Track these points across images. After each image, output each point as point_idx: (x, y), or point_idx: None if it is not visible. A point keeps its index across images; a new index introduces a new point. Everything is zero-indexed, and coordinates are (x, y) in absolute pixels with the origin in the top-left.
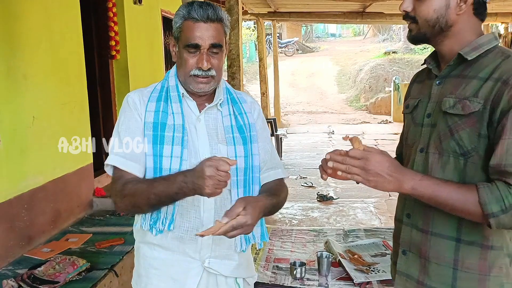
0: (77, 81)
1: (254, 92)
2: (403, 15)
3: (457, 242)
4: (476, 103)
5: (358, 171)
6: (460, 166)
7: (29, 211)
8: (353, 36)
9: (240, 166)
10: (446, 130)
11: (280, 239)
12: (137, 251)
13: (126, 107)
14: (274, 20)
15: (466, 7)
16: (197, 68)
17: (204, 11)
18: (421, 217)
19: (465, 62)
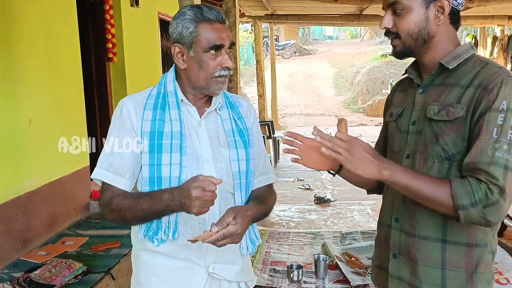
0: (74, 83)
1: (251, 94)
2: (385, 32)
3: (443, 243)
4: (460, 109)
5: (343, 151)
6: (444, 169)
7: (25, 214)
8: (350, 39)
9: (242, 170)
10: (432, 136)
11: (277, 242)
12: (136, 258)
13: (119, 117)
14: (271, 23)
15: (444, 18)
16: (222, 69)
17: (216, 12)
18: (408, 221)
19: (446, 71)
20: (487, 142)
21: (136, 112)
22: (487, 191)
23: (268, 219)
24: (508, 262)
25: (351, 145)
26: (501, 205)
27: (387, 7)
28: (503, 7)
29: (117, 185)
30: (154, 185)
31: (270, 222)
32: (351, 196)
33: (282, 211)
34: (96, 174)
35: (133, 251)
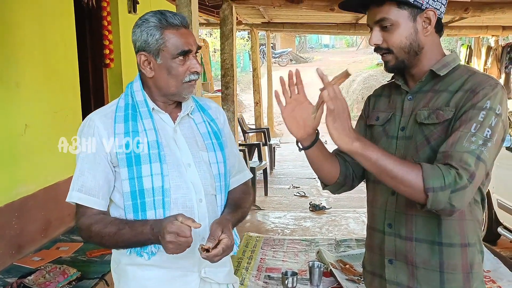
0: (71, 89)
1: (247, 101)
2: (375, 48)
3: (439, 246)
4: (449, 111)
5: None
6: None
7: (20, 219)
8: (346, 47)
9: (222, 172)
10: (423, 139)
11: (272, 249)
12: (124, 274)
13: (88, 134)
14: (268, 31)
15: (431, 28)
16: (191, 73)
17: (180, 17)
18: (403, 226)
19: (435, 78)
20: (465, 135)
21: (107, 128)
22: (456, 176)
23: (263, 226)
24: (501, 271)
25: (345, 106)
26: (467, 191)
27: (374, 24)
28: (497, 18)
29: (91, 205)
30: (136, 199)
31: (265, 229)
32: (346, 203)
33: (277, 218)
34: (69, 197)
35: (116, 267)
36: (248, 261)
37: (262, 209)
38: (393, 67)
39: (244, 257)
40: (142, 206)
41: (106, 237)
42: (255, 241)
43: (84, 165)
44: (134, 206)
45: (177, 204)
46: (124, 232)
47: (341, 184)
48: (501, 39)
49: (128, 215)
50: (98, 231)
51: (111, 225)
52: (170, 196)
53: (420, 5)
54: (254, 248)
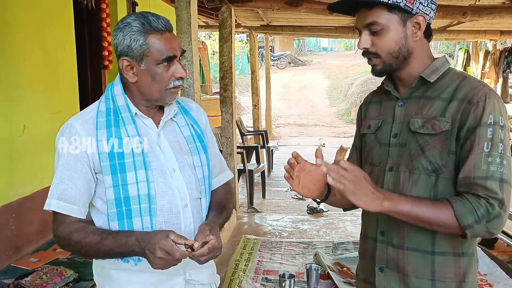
0: (69, 90)
1: (246, 104)
2: (363, 52)
3: (432, 255)
4: (445, 122)
5: (347, 182)
6: (431, 182)
7: (17, 221)
8: (345, 50)
9: (206, 175)
10: (417, 148)
11: (269, 251)
12: (107, 278)
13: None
14: (267, 33)
15: (421, 33)
16: (176, 79)
17: (163, 21)
18: (395, 234)
19: (425, 84)
20: (480, 156)
21: (88, 134)
22: (487, 206)
23: (261, 228)
24: (497, 274)
25: (355, 175)
26: (502, 217)
27: (363, 27)
28: (495, 22)
29: (71, 214)
30: (121, 206)
31: (262, 232)
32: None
33: (274, 220)
34: (48, 205)
35: (101, 272)
36: (245, 263)
37: (260, 211)
38: (380, 70)
39: (242, 259)
40: (128, 213)
41: (86, 247)
42: (253, 244)
43: (65, 172)
44: (119, 213)
45: (163, 210)
46: (107, 242)
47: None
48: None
49: (112, 223)
50: (78, 240)
51: (93, 234)
52: (156, 203)
53: (410, 10)
54: (252, 250)
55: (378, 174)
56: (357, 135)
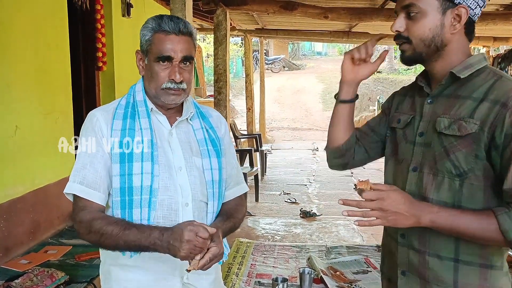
0: (63, 91)
1: (240, 107)
2: (395, 35)
3: (456, 263)
4: (472, 124)
5: (376, 214)
6: (455, 187)
7: (8, 222)
8: (339, 55)
9: (215, 179)
10: (441, 150)
11: (262, 255)
12: (108, 274)
13: (89, 130)
14: (262, 37)
15: (460, 26)
16: (169, 81)
17: (175, 24)
18: (416, 238)
19: (457, 82)
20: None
21: (106, 123)
22: None
23: (253, 232)
24: None
25: (383, 203)
26: None
27: (401, 9)
28: (488, 29)
29: (92, 199)
30: (125, 195)
31: (255, 235)
32: (336, 210)
33: (267, 224)
34: (69, 188)
35: (102, 267)
36: (238, 266)
37: (253, 215)
38: (408, 57)
39: (235, 263)
40: (130, 204)
41: (106, 235)
42: (246, 247)
43: (86, 159)
44: (122, 202)
45: (163, 205)
46: (129, 233)
47: (340, 153)
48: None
49: (116, 211)
50: (99, 228)
51: (116, 224)
52: (157, 197)
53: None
54: (245, 254)
55: (401, 173)
56: (378, 119)
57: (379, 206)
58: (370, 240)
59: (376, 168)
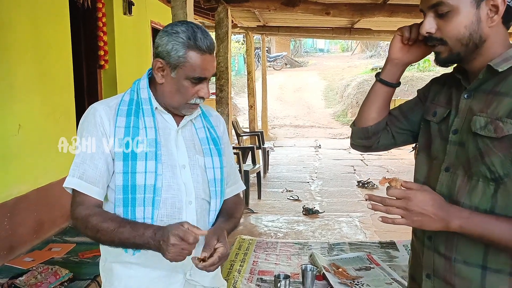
0: (65, 90)
1: (242, 104)
2: (427, 37)
3: (483, 270)
4: (510, 125)
5: (400, 212)
6: (490, 191)
7: (12, 220)
8: (341, 52)
9: (218, 177)
10: (476, 153)
11: (264, 252)
12: (109, 272)
13: (90, 124)
14: (263, 34)
15: (498, 18)
16: (198, 98)
17: (209, 42)
18: (443, 242)
19: (496, 76)
20: None
21: (109, 119)
22: None
23: (256, 229)
24: None
25: (408, 203)
26: None
27: (428, 9)
28: None
29: (90, 194)
30: (128, 193)
31: (258, 232)
32: (339, 208)
33: (270, 221)
34: (68, 182)
35: (103, 265)
36: (240, 263)
37: (255, 212)
38: (445, 60)
39: (237, 260)
40: (132, 202)
41: (102, 231)
42: (248, 244)
43: (87, 153)
44: (124, 200)
45: (166, 204)
46: (124, 230)
47: (367, 135)
48: None
49: (118, 209)
50: (96, 224)
51: (111, 221)
52: (160, 195)
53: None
54: (247, 251)
55: (434, 171)
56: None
57: (404, 205)
58: (373, 237)
59: (378, 165)
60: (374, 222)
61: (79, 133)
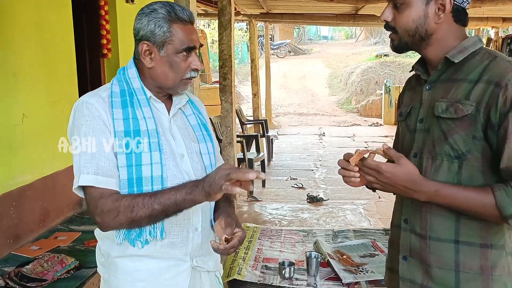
0: (68, 79)
1: (245, 93)
2: (384, 24)
3: (456, 244)
4: (468, 105)
5: (374, 180)
6: (454, 169)
7: (17, 209)
8: (345, 39)
9: (212, 163)
10: (440, 134)
11: (269, 239)
12: (113, 267)
13: (89, 117)
14: (267, 22)
15: (444, 16)
16: (192, 70)
17: (188, 13)
18: (418, 222)
19: (453, 66)
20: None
21: (105, 111)
22: None
23: (260, 217)
24: None
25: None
26: None
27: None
28: (498, 9)
29: (109, 187)
30: (133, 186)
31: (262, 220)
32: (343, 195)
33: (274, 209)
34: (83, 181)
35: (103, 261)
36: (245, 251)
37: (260, 200)
38: (396, 46)
39: (241, 247)
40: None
41: (138, 206)
42: (252, 232)
43: (93, 148)
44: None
45: None
46: (161, 194)
47: None
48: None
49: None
50: (128, 203)
51: (143, 195)
52: (167, 186)
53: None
54: (251, 238)
55: None
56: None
57: (376, 176)
58: (377, 224)
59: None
60: (379, 209)
61: (77, 130)
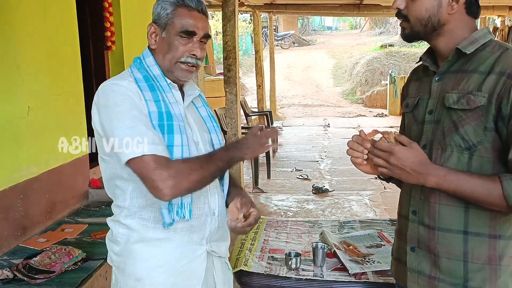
0: (72, 72)
1: (250, 84)
2: (396, 12)
3: (465, 235)
4: (481, 97)
5: (383, 163)
6: (464, 160)
7: (24, 202)
8: (350, 29)
9: None
10: (451, 125)
11: (275, 230)
12: (130, 255)
13: (125, 95)
14: (271, 12)
15: (458, 7)
16: (189, 56)
17: (198, 2)
18: (426, 214)
19: (463, 57)
20: None
21: (138, 92)
22: None
23: (266, 208)
24: None
25: (390, 156)
26: None
27: None
28: None
29: (167, 155)
30: None
31: (268, 212)
32: (349, 186)
33: (280, 200)
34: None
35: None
36: (251, 242)
37: (265, 192)
38: (406, 35)
39: (248, 239)
40: None
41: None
42: (258, 223)
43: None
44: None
45: None
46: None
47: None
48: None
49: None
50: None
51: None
52: None
53: None
54: (257, 229)
55: None
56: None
57: (386, 158)
58: (383, 215)
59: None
60: (384, 200)
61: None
